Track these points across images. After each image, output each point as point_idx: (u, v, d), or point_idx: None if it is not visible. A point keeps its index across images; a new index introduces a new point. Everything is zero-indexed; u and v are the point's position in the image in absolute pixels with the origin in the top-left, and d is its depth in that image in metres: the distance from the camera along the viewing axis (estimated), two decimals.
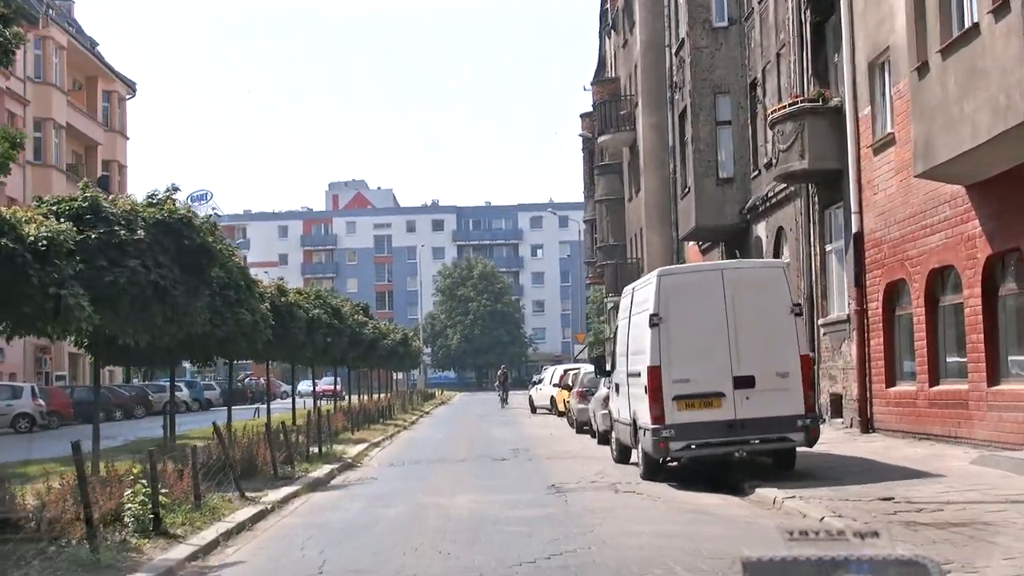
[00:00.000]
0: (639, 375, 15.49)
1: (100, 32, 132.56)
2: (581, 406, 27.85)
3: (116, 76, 62.83)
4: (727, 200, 30.49)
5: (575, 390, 28.71)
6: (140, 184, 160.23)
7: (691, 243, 35.31)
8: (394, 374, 74.30)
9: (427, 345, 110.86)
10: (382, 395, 48.80)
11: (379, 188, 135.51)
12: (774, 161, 24.39)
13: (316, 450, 21.33)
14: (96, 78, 60.87)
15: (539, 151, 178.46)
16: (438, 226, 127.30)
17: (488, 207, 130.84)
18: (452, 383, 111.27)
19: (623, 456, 18.46)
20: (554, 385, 39.92)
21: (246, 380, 77.63)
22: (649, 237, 41.67)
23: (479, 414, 43.96)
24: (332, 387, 49.48)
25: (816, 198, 24.57)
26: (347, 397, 48.67)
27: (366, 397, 44.97)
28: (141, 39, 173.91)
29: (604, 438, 23.33)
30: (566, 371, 39.48)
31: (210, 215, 17.73)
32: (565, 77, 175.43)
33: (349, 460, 20.59)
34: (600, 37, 62.57)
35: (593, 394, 26.18)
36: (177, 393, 57.06)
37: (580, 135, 60.67)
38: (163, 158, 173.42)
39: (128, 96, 65.44)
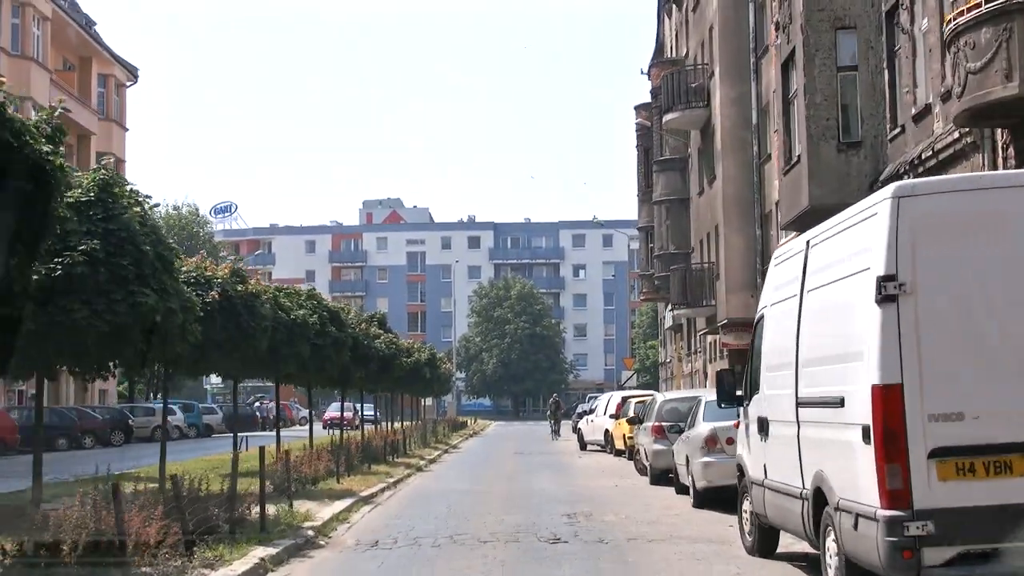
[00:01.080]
0: (839, 403, 7.76)
1: (105, 15, 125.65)
2: (659, 447, 20.04)
3: (115, 59, 55.85)
4: (852, 170, 22.67)
5: (650, 424, 20.86)
6: (143, 183, 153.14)
7: (792, 234, 27.47)
8: (422, 400, 66.91)
9: (461, 370, 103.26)
10: (399, 424, 41.08)
11: (415, 207, 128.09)
12: (957, 91, 16.56)
13: (272, 511, 13.72)
14: (90, 60, 53.97)
15: (583, 166, 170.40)
16: (474, 243, 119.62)
17: (527, 224, 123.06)
18: (487, 411, 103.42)
19: (767, 544, 10.70)
20: (610, 416, 32.08)
21: (256, 403, 69.97)
22: (727, 236, 33.85)
23: (516, 451, 36.07)
24: (339, 414, 41.86)
25: (1011, 148, 16.74)
26: (361, 426, 41.23)
27: (374, 427, 37.39)
28: (154, 31, 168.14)
29: (703, 499, 15.61)
30: (625, 399, 31.69)
31: (56, 109, 10.29)
32: (613, 87, 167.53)
33: (309, 534, 12.87)
34: (659, 17, 55.12)
35: (679, 431, 18.40)
36: (170, 417, 50.10)
37: (636, 123, 53.00)
38: (173, 158, 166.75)
39: (129, 83, 58.50)
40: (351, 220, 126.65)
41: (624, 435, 28.49)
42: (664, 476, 19.80)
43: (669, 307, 49.54)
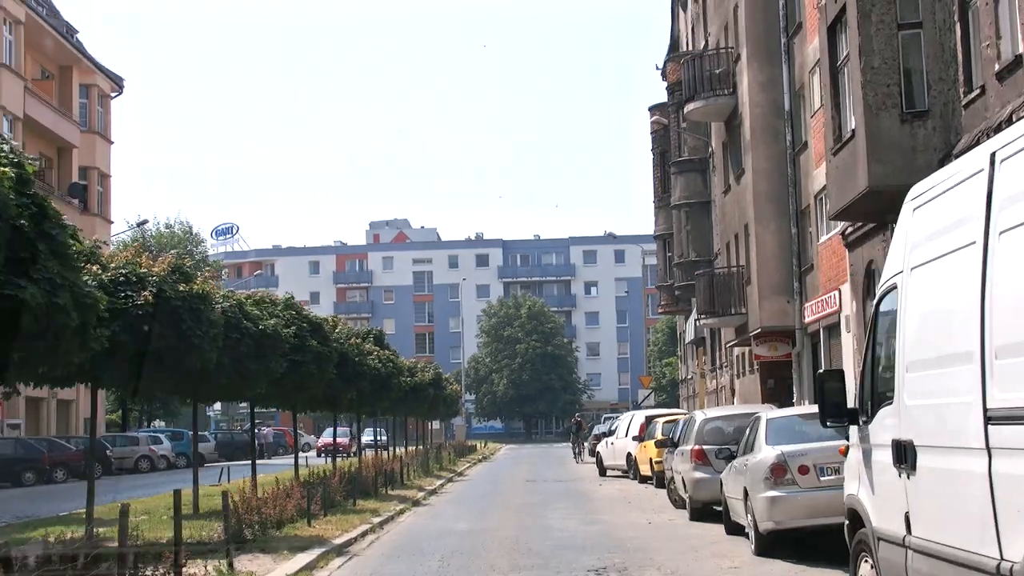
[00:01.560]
0: None
1: (91, 24, 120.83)
2: (701, 475, 16.54)
3: (98, 68, 52.81)
4: (919, 144, 19.18)
5: (689, 448, 17.31)
6: (131, 200, 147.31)
7: (839, 226, 24.05)
8: (429, 424, 63.50)
9: (470, 392, 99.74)
10: (403, 450, 37.58)
11: (423, 227, 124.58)
12: None
13: (202, 573, 10.25)
14: (71, 68, 51.00)
15: (595, 179, 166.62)
16: (482, 261, 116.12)
17: (537, 240, 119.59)
18: (498, 434, 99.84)
19: None
20: (634, 438, 28.54)
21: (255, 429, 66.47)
22: (759, 235, 30.38)
23: (528, 477, 32.48)
24: (336, 440, 38.40)
25: None
26: (359, 452, 37.80)
27: (374, 454, 33.99)
28: (146, 44, 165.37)
29: (768, 544, 12.08)
30: (650, 419, 28.20)
31: None
32: (626, 96, 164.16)
33: None
34: (672, 12, 51.88)
35: (729, 457, 14.89)
36: (155, 446, 46.61)
37: (652, 123, 49.81)
38: (168, 177, 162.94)
39: (114, 94, 55.39)
40: (356, 240, 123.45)
41: (651, 459, 25.00)
42: (707, 510, 16.33)
43: (695, 318, 46.08)
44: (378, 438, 48.93)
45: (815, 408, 8.30)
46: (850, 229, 23.93)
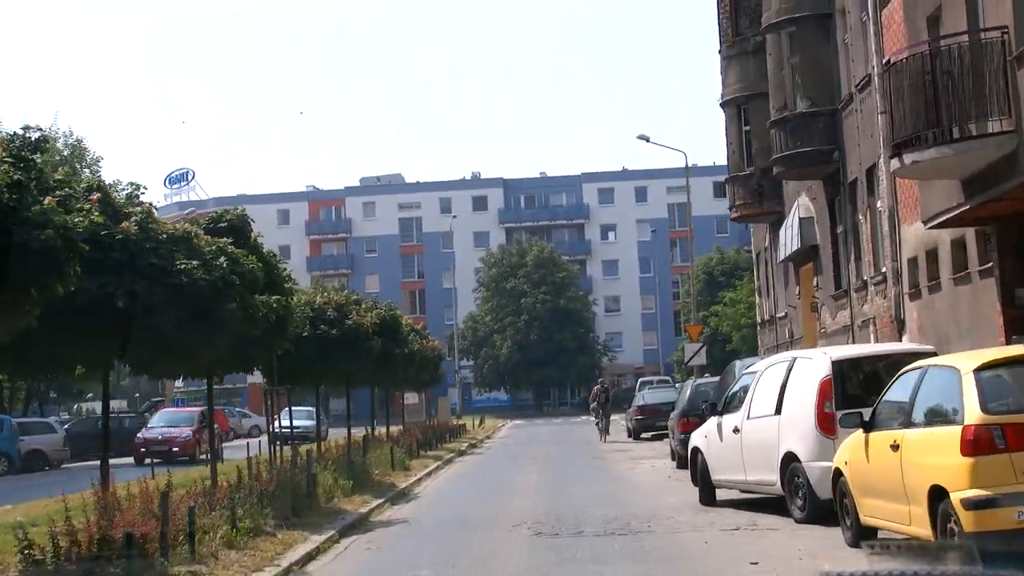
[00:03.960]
0: None
1: None
2: None
3: None
4: None
5: None
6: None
7: None
8: (402, 398, 46.32)
9: (468, 356, 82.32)
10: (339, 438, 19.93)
11: (418, 182, 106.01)
12: None
13: None
14: None
15: (606, 103, 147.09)
16: (480, 204, 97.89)
17: (543, 178, 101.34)
18: (504, 407, 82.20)
19: None
20: (819, 424, 10.57)
21: (150, 411, 48.62)
22: None
23: (539, 513, 14.50)
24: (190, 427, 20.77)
25: None
26: (215, 452, 20.34)
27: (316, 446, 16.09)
28: None
29: None
30: (855, 364, 10.43)
31: None
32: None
33: None
34: None
35: None
36: None
37: None
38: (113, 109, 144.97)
39: None
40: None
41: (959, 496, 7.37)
42: None
43: (800, 215, 28.38)
44: (317, 421, 30.62)
45: None
46: None
